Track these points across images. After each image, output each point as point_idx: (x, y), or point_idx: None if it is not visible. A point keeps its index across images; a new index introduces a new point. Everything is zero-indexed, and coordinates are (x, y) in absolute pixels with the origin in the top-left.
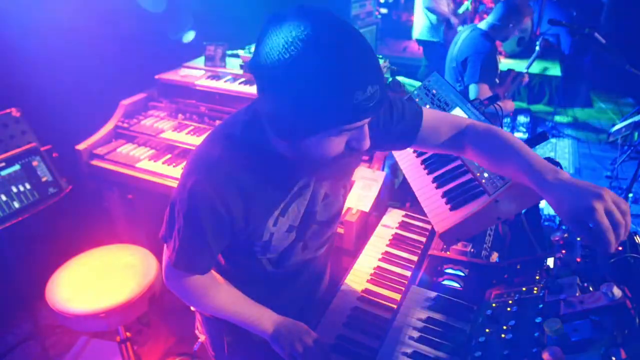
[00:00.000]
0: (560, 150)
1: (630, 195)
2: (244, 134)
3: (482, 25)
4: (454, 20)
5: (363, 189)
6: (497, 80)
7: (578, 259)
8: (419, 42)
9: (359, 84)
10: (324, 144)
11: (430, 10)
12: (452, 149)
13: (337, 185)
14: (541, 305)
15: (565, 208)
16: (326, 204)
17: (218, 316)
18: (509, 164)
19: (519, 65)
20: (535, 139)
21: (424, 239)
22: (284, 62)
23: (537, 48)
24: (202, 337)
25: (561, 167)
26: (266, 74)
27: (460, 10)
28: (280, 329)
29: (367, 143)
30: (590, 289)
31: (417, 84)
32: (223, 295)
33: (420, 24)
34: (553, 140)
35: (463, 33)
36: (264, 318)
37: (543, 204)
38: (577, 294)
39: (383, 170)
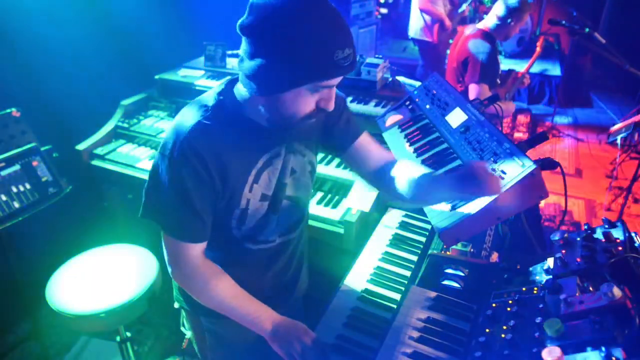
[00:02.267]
0: (560, 150)
1: (630, 195)
2: (217, 102)
3: (482, 24)
4: (447, 22)
5: (363, 189)
6: (499, 81)
7: (578, 259)
8: (414, 41)
9: (340, 44)
10: (298, 100)
11: (425, 11)
12: (375, 183)
13: (302, 161)
14: (541, 305)
15: (459, 181)
16: (294, 178)
17: (218, 310)
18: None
19: (519, 66)
20: (535, 139)
21: (424, 239)
22: (276, 17)
23: (538, 48)
24: (188, 334)
25: (561, 167)
26: (257, 30)
27: (461, 10)
28: (278, 328)
29: (332, 104)
30: (590, 289)
31: (417, 84)
32: (224, 287)
33: (416, 23)
34: (553, 140)
35: (464, 33)
36: (263, 317)
37: (543, 203)
38: (577, 294)
39: None
